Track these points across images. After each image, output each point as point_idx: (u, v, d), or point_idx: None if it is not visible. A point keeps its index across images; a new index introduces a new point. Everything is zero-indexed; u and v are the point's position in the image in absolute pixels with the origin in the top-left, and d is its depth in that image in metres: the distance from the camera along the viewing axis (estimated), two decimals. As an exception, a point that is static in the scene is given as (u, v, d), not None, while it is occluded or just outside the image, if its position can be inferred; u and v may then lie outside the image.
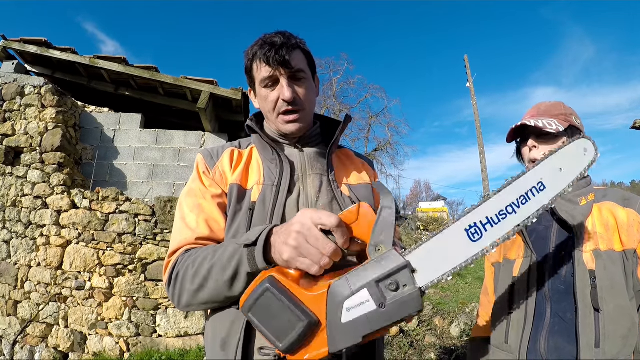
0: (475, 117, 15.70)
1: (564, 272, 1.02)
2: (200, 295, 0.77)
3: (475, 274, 8.61)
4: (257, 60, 0.89)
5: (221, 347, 0.79)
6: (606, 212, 1.04)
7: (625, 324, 0.92)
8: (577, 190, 1.09)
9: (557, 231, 1.08)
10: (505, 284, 1.14)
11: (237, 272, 0.72)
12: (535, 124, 1.11)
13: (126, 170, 5.19)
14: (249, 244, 0.70)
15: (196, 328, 4.23)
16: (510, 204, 0.66)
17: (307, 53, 0.95)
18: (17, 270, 4.33)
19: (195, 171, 0.96)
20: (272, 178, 0.91)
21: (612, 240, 0.99)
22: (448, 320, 4.53)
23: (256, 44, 0.90)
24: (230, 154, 0.97)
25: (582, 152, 0.75)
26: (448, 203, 36.41)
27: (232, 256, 0.73)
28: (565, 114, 1.16)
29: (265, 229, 0.71)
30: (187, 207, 0.89)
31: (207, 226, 0.86)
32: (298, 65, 0.90)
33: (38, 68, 5.72)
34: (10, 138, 4.68)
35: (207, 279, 0.75)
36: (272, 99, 0.91)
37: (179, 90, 5.34)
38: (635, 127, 7.60)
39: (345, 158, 1.09)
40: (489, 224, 0.65)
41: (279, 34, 0.90)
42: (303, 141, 0.99)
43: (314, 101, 0.99)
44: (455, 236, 0.64)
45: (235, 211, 0.88)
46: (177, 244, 0.86)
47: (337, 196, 0.93)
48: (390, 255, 0.60)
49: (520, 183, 0.68)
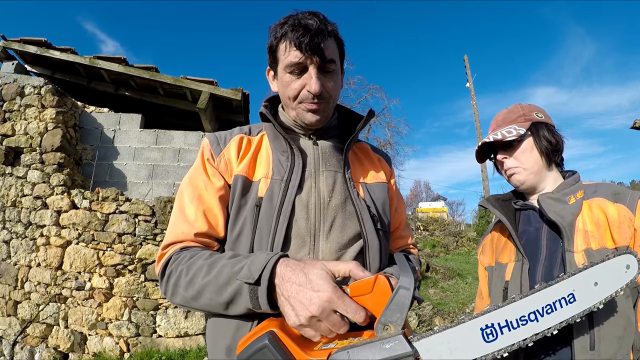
0: (475, 117, 15.70)
1: (556, 274, 0.99)
2: (194, 304, 0.75)
3: (475, 274, 8.60)
4: (287, 41, 0.80)
5: (226, 354, 0.76)
6: (596, 209, 1.00)
7: (621, 323, 0.89)
8: (565, 189, 1.06)
9: (547, 232, 1.06)
10: (498, 288, 1.12)
11: (234, 301, 0.69)
12: (494, 138, 1.09)
13: (126, 171, 5.19)
14: (251, 282, 0.65)
15: (196, 328, 4.23)
16: (534, 311, 0.63)
17: (340, 42, 0.86)
18: (17, 271, 4.33)
19: (200, 157, 0.90)
20: (282, 172, 0.85)
21: (604, 238, 0.96)
22: (448, 320, 4.53)
23: (286, 22, 0.81)
24: (238, 141, 0.90)
25: (623, 269, 0.70)
26: (448, 203, 36.45)
27: (228, 282, 0.68)
28: (523, 115, 1.13)
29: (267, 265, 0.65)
30: (187, 197, 0.85)
31: (205, 220, 0.82)
32: (330, 56, 0.81)
33: (38, 68, 5.72)
34: (10, 138, 4.68)
35: (200, 294, 0.72)
36: (295, 87, 0.83)
37: (178, 90, 5.34)
38: (635, 127, 7.60)
39: (361, 154, 1.01)
40: (507, 327, 0.62)
41: (314, 15, 0.80)
42: (319, 133, 0.93)
43: (339, 94, 0.91)
44: (469, 333, 0.61)
45: (240, 205, 0.83)
46: (173, 237, 0.82)
47: (353, 197, 0.87)
48: (397, 340, 0.57)
49: (551, 291, 0.65)
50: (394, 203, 1.02)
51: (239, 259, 0.71)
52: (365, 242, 0.84)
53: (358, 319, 0.59)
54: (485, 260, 1.26)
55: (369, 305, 0.61)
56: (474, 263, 10.08)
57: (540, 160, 1.09)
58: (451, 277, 8.21)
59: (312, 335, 0.61)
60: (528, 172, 1.09)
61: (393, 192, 1.03)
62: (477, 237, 13.18)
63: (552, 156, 1.10)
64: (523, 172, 1.10)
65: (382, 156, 1.06)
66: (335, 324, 0.59)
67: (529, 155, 1.09)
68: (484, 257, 1.27)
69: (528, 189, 1.13)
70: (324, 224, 0.83)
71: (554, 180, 1.11)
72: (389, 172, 1.04)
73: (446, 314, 4.69)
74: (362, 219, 0.85)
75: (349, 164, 0.92)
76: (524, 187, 1.12)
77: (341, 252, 0.82)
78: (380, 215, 0.91)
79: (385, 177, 0.99)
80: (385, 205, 0.94)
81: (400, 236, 1.04)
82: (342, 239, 0.82)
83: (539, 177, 1.10)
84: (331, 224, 0.83)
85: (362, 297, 0.62)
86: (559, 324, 0.64)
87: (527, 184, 1.11)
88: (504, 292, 1.08)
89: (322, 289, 0.59)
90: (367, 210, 0.87)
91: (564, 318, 0.65)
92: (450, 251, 12.20)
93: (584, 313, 0.66)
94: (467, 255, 11.51)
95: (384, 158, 1.06)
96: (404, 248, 1.05)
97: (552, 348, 0.95)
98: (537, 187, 1.12)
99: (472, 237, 13.49)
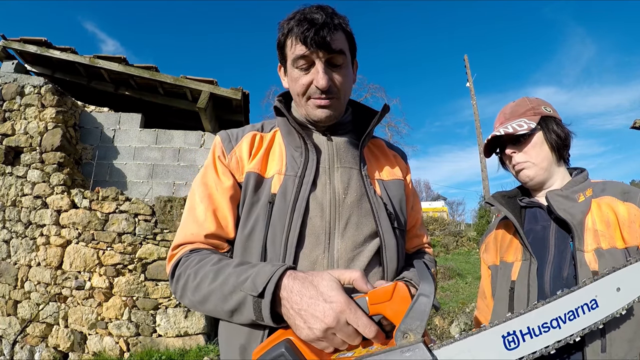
0: (475, 117, 15.70)
1: (566, 273, 0.96)
2: (201, 308, 0.74)
3: (475, 273, 8.61)
4: (293, 36, 0.79)
5: (240, 354, 0.75)
6: (606, 208, 0.98)
7: (632, 326, 0.87)
8: (574, 186, 1.04)
9: (555, 231, 1.03)
10: (503, 288, 1.08)
11: (238, 311, 0.68)
12: (505, 131, 1.06)
13: (126, 170, 5.19)
14: (255, 295, 0.63)
15: (196, 328, 4.23)
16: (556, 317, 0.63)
17: (349, 35, 0.84)
18: (17, 270, 4.33)
19: (211, 155, 0.89)
20: (296, 168, 0.83)
21: (614, 237, 0.94)
22: (448, 320, 4.53)
23: (293, 17, 0.80)
24: (251, 139, 0.89)
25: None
26: (448, 203, 36.43)
27: (233, 291, 0.67)
28: (532, 108, 1.10)
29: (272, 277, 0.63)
30: (198, 197, 0.84)
31: (215, 220, 0.81)
32: (338, 47, 0.79)
33: (38, 68, 5.72)
34: (10, 138, 4.68)
35: (207, 299, 0.71)
36: (303, 83, 0.81)
37: (178, 90, 5.34)
38: (635, 127, 7.60)
39: (377, 150, 0.99)
40: (529, 334, 0.61)
41: (321, 9, 0.79)
42: (333, 129, 0.91)
43: (350, 90, 0.89)
44: (491, 341, 0.61)
45: (252, 203, 0.82)
46: (183, 238, 0.81)
47: (370, 194, 0.85)
48: (417, 348, 0.55)
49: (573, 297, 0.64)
50: (410, 201, 0.99)
51: (245, 268, 0.69)
52: (381, 241, 0.82)
53: (368, 334, 0.58)
54: (489, 258, 1.22)
55: (389, 312, 0.60)
56: (474, 263, 10.08)
57: (550, 155, 1.07)
58: (451, 276, 8.21)
59: (325, 347, 0.60)
60: (538, 167, 1.07)
61: (409, 189, 1.00)
62: (477, 236, 13.17)
63: (561, 151, 1.08)
64: (533, 167, 1.07)
65: (397, 152, 1.03)
66: (349, 336, 0.58)
67: (539, 149, 1.07)
68: (487, 255, 1.23)
69: (537, 185, 1.10)
70: (340, 221, 0.80)
71: (562, 177, 1.09)
72: (405, 168, 1.01)
73: (446, 314, 4.69)
74: (379, 217, 0.83)
75: (365, 161, 0.90)
76: (533, 182, 1.09)
77: (357, 250, 0.79)
78: (397, 213, 0.89)
79: (401, 173, 0.97)
80: (402, 202, 0.92)
81: (416, 235, 1.02)
82: (358, 237, 0.80)
83: (548, 173, 1.08)
84: (346, 222, 0.81)
85: (382, 304, 0.60)
86: (582, 331, 0.63)
87: (536, 179, 1.08)
88: (510, 293, 1.05)
89: (335, 300, 0.58)
90: (384, 208, 0.85)
91: (587, 324, 0.64)
92: (450, 251, 12.21)
93: (607, 319, 0.66)
94: (467, 255, 11.52)
95: (399, 154, 1.03)
96: (419, 247, 1.02)
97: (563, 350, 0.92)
98: (546, 183, 1.09)
99: (472, 236, 13.48)
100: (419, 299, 0.57)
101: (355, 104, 0.99)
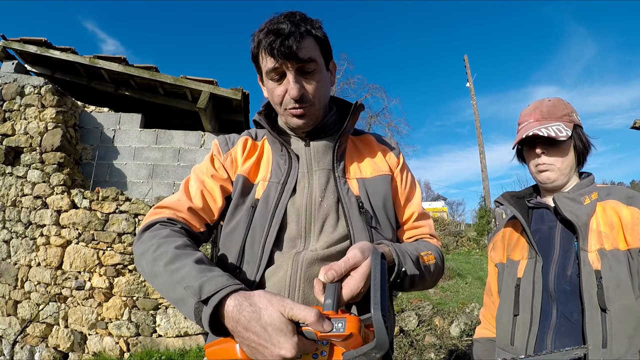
0: (475, 117, 15.71)
1: (570, 272, 1.01)
2: (150, 281, 0.75)
3: (475, 273, 8.62)
4: (262, 49, 0.80)
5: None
6: (610, 211, 1.03)
7: (631, 323, 0.92)
8: (580, 189, 1.08)
9: (561, 231, 1.07)
10: (509, 285, 1.13)
11: (180, 305, 0.66)
12: (547, 134, 1.06)
13: (126, 170, 5.19)
14: (199, 300, 0.61)
15: (196, 328, 4.23)
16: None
17: (319, 39, 0.83)
18: (17, 270, 4.33)
19: (209, 154, 0.96)
20: (280, 175, 0.87)
21: (617, 239, 0.98)
22: (448, 320, 4.53)
23: (262, 29, 0.80)
24: (244, 142, 0.95)
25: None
26: (448, 203, 36.41)
27: (180, 283, 0.66)
28: (568, 114, 1.12)
29: (218, 292, 0.60)
30: (193, 179, 0.92)
31: (202, 199, 0.87)
32: (307, 55, 0.79)
33: (38, 68, 5.71)
34: (10, 138, 4.67)
35: (156, 277, 0.71)
36: (278, 94, 0.83)
37: (179, 90, 5.33)
38: (635, 127, 7.60)
39: (363, 146, 0.98)
40: None
41: (287, 18, 0.78)
42: (314, 134, 0.92)
43: (327, 94, 0.89)
44: None
45: (237, 204, 0.87)
46: (169, 202, 0.87)
47: (342, 194, 0.85)
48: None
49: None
50: (403, 193, 0.97)
51: (201, 269, 0.67)
52: (351, 242, 0.82)
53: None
54: (496, 256, 1.26)
55: (340, 343, 0.58)
56: (474, 263, 10.08)
57: (574, 163, 1.12)
58: (451, 277, 8.20)
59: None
60: (560, 172, 1.10)
61: (401, 183, 0.97)
62: (477, 237, 13.17)
63: (582, 160, 1.14)
64: (557, 171, 1.10)
65: (388, 146, 1.01)
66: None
67: (567, 157, 1.10)
68: (494, 253, 1.27)
69: (554, 187, 1.13)
70: (315, 225, 0.83)
71: (574, 182, 1.13)
72: (395, 162, 0.98)
73: (446, 314, 4.69)
74: (350, 217, 0.84)
75: (340, 160, 0.90)
76: (552, 185, 1.13)
77: (328, 250, 0.80)
78: (377, 211, 0.88)
79: (388, 168, 0.95)
80: (386, 199, 0.91)
81: (412, 227, 0.98)
82: (332, 239, 0.82)
83: (567, 178, 1.12)
84: (322, 225, 0.83)
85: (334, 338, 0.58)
86: None
87: (556, 183, 1.12)
88: (515, 290, 1.10)
89: (282, 346, 0.56)
90: (357, 207, 0.85)
91: None
92: (450, 251, 12.20)
93: None
94: (467, 255, 11.51)
95: (389, 148, 1.01)
96: (417, 238, 0.98)
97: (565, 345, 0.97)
98: (562, 187, 1.13)
99: (472, 237, 13.47)
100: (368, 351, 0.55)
101: (341, 103, 0.99)
